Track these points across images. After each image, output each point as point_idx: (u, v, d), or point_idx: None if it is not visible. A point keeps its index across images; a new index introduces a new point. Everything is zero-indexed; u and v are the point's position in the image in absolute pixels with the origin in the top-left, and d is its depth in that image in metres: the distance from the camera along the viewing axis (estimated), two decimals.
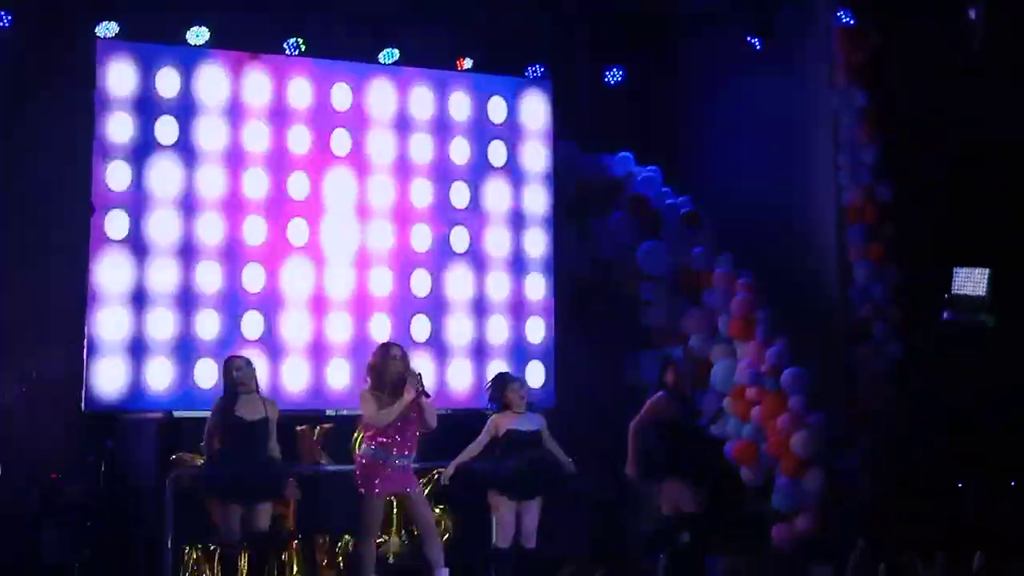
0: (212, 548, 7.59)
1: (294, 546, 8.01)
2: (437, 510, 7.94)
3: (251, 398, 7.05)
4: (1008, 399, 8.58)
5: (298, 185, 8.46)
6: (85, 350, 7.81)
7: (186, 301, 8.09)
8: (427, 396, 7.00)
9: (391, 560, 7.95)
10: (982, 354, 8.65)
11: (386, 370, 7.03)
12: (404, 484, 7.06)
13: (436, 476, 7.75)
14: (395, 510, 7.97)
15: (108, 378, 7.85)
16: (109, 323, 7.89)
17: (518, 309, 8.89)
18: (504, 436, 7.35)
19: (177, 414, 7.88)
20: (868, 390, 8.80)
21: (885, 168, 9.11)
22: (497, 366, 8.45)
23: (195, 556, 7.74)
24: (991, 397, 8.62)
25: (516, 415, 7.43)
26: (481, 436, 7.38)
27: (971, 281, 8.77)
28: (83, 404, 7.81)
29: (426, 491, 7.62)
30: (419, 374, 7.01)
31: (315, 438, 8.15)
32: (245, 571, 7.32)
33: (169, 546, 7.39)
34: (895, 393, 8.78)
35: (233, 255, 8.24)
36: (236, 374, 7.03)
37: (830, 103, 9.31)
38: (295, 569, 8.01)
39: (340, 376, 8.39)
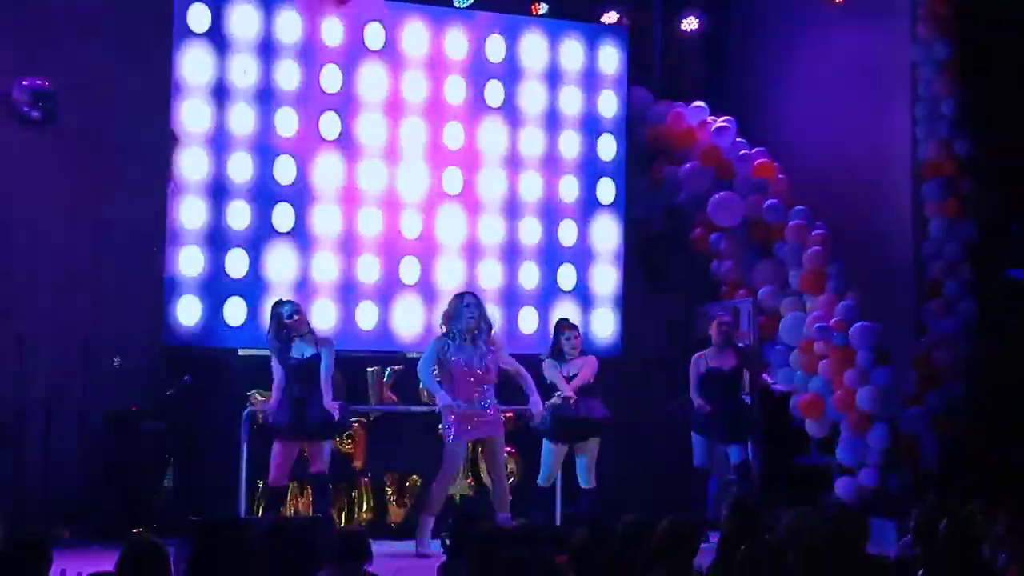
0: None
1: (364, 484, 8.19)
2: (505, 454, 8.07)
3: (305, 339, 7.20)
4: None
5: (372, 129, 8.49)
6: (165, 287, 7.99)
7: (260, 242, 8.21)
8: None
9: (457, 500, 8.10)
10: None
11: (458, 317, 7.17)
12: (492, 429, 7.25)
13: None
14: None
15: (186, 314, 8.03)
16: (187, 261, 8.05)
17: (587, 257, 8.92)
18: (551, 383, 7.56)
19: (246, 352, 8.03)
20: (938, 347, 8.71)
21: (964, 122, 8.92)
22: (564, 312, 8.50)
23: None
24: None
25: (566, 363, 7.56)
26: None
27: None
28: (162, 339, 8.01)
29: None
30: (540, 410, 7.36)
31: (385, 379, 8.28)
32: (308, 508, 7.54)
33: (243, 480, 7.60)
34: (965, 351, 8.68)
35: (306, 199, 8.33)
36: (288, 321, 7.16)
37: (910, 54, 9.12)
38: (364, 506, 8.20)
39: (411, 319, 8.50)
